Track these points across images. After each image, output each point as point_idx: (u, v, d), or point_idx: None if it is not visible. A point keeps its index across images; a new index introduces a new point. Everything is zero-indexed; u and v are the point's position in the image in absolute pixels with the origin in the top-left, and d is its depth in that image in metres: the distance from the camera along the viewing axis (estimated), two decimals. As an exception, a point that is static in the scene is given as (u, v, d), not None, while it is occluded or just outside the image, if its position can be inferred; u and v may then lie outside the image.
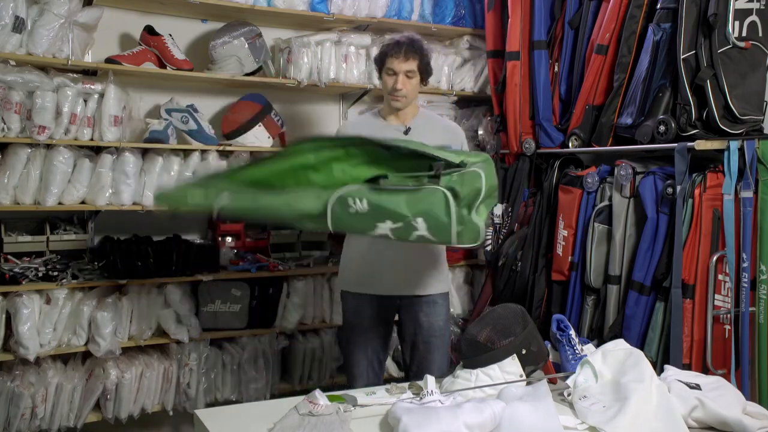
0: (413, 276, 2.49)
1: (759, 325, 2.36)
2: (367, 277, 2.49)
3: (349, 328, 2.56)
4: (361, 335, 2.52)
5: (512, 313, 1.82)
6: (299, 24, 3.51)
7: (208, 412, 1.66)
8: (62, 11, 2.78)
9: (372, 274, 2.48)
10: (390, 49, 2.43)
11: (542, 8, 3.15)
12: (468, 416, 1.41)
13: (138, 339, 3.10)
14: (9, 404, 2.83)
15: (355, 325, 2.54)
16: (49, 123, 2.83)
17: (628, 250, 2.71)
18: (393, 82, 2.43)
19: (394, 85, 2.43)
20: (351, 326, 2.56)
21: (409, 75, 2.43)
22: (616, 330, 2.70)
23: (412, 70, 2.43)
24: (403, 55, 2.41)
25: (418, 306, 2.51)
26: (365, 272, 2.49)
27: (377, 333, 2.54)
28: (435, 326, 2.51)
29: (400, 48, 2.41)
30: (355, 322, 2.54)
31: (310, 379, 3.49)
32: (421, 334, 2.51)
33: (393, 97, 2.46)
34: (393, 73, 2.43)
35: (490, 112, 3.61)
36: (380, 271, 2.47)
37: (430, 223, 1.82)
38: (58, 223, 3.13)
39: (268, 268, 3.39)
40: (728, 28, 2.43)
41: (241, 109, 3.30)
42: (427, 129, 2.49)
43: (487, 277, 3.48)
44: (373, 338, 2.53)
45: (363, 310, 2.51)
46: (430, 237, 1.85)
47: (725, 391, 1.64)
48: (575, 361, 1.84)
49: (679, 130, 2.53)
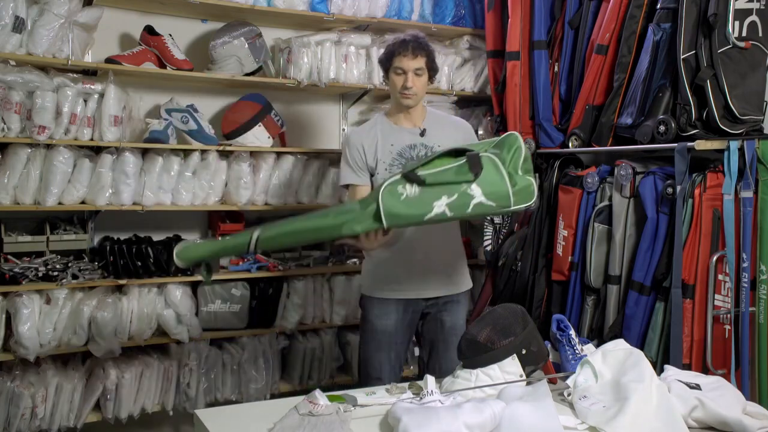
0: (439, 277, 2.46)
1: (759, 325, 2.36)
2: (393, 281, 2.43)
3: (373, 332, 2.48)
4: (385, 340, 2.46)
5: (512, 313, 1.81)
6: (299, 24, 3.51)
7: (208, 412, 1.66)
8: (62, 11, 2.78)
9: (399, 279, 2.43)
10: (397, 48, 2.37)
11: (542, 8, 3.15)
12: (468, 416, 1.41)
13: (138, 339, 3.10)
14: (9, 404, 2.83)
15: (380, 329, 2.46)
16: (49, 123, 2.83)
17: (628, 250, 2.71)
18: (403, 80, 2.37)
19: (405, 83, 2.37)
20: (375, 331, 2.47)
21: (417, 73, 2.37)
22: (616, 330, 2.70)
23: (421, 68, 2.38)
24: (411, 53, 2.35)
25: (442, 306, 2.48)
26: (392, 277, 2.43)
27: (401, 338, 2.48)
28: (457, 325, 2.48)
29: (407, 46, 2.36)
30: (380, 326, 2.46)
31: (310, 379, 3.49)
32: (442, 333, 2.48)
33: (403, 96, 2.39)
34: (402, 72, 2.37)
35: (490, 112, 3.61)
36: (407, 275, 2.42)
37: (485, 188, 1.83)
38: (58, 223, 3.13)
39: (268, 268, 3.39)
40: (728, 28, 2.43)
41: (241, 109, 3.31)
42: (440, 128, 2.46)
43: (487, 277, 3.48)
44: (397, 343, 2.47)
45: (389, 314, 2.45)
46: (488, 203, 1.84)
47: (725, 391, 1.64)
48: (575, 361, 1.83)
49: (679, 130, 2.53)
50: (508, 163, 1.87)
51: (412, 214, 1.85)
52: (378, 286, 2.47)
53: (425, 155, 2.34)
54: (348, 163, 2.42)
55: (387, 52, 2.42)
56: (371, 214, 1.84)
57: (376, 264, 2.47)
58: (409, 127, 2.44)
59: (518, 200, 1.86)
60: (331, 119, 3.81)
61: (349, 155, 2.42)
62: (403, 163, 2.36)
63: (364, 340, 2.51)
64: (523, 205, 1.88)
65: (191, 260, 2.00)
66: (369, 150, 2.39)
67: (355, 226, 1.87)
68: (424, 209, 1.84)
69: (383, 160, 2.38)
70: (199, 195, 3.19)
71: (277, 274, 3.39)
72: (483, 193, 1.83)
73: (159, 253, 3.11)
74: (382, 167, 2.38)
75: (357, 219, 1.86)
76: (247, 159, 3.27)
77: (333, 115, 3.82)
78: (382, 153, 2.39)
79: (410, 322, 2.49)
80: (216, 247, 2.08)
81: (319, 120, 3.77)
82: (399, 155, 2.38)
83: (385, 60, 2.42)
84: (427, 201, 1.83)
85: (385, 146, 2.40)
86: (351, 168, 2.41)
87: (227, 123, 3.29)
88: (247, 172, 3.26)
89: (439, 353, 2.49)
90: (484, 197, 1.83)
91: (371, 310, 2.48)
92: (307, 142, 3.69)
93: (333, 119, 3.82)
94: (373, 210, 1.84)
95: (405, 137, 2.41)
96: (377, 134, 2.42)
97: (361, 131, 2.47)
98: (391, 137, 2.41)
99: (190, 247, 2.00)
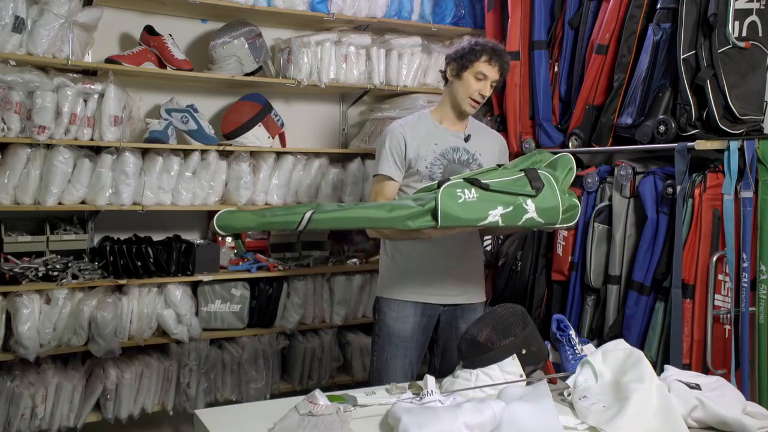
0: (460, 284, 2.43)
1: (759, 325, 2.36)
2: (414, 284, 2.40)
3: (389, 336, 2.42)
4: (401, 345, 2.41)
5: (512, 313, 1.82)
6: (299, 24, 3.51)
7: (208, 412, 1.66)
8: (62, 11, 2.78)
9: (420, 282, 2.39)
10: (486, 53, 2.31)
11: (542, 8, 3.15)
12: (468, 416, 1.41)
13: (138, 339, 3.10)
14: (9, 404, 2.83)
15: (397, 333, 2.41)
16: (49, 123, 2.83)
17: (628, 250, 2.71)
18: (481, 87, 2.32)
19: (482, 90, 2.32)
20: (392, 335, 2.42)
21: (492, 84, 2.34)
22: (616, 330, 2.70)
23: (497, 80, 2.35)
24: (497, 64, 2.31)
25: (459, 313, 2.45)
26: (414, 280, 2.40)
27: (417, 342, 2.44)
28: None
29: (496, 55, 2.31)
30: (396, 330, 2.41)
31: (310, 379, 3.49)
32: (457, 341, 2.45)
33: (473, 101, 2.35)
34: (483, 78, 2.32)
35: (490, 112, 3.60)
36: (429, 279, 2.39)
37: (539, 204, 1.88)
38: (58, 223, 3.13)
39: (268, 268, 3.39)
40: (728, 28, 2.43)
41: (241, 109, 3.31)
42: (482, 137, 2.47)
43: (487, 277, 3.48)
44: (412, 348, 2.43)
45: (406, 317, 2.41)
46: (538, 219, 1.90)
47: (725, 391, 1.64)
48: (575, 361, 1.84)
49: (679, 130, 2.53)
50: (561, 183, 1.95)
51: (467, 218, 1.87)
52: (397, 287, 2.42)
53: (467, 160, 2.38)
54: (389, 153, 2.36)
55: (472, 52, 2.32)
56: (428, 212, 1.85)
57: (398, 266, 2.42)
58: (454, 130, 2.42)
59: (564, 219, 1.94)
60: (331, 119, 3.81)
61: (390, 146, 2.36)
62: (444, 164, 2.35)
63: (380, 346, 2.45)
64: (566, 224, 1.96)
65: (233, 230, 1.92)
66: (411, 144, 2.35)
67: (409, 222, 1.87)
68: (480, 215, 1.86)
69: (425, 157, 2.35)
70: (199, 195, 3.19)
71: (277, 274, 3.39)
72: (536, 209, 1.89)
73: (159, 253, 3.11)
74: (423, 164, 2.35)
75: (413, 215, 1.86)
76: (247, 159, 3.28)
77: (333, 115, 3.82)
78: (425, 150, 2.35)
79: (426, 327, 2.45)
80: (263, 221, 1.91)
81: (319, 120, 3.77)
82: (442, 155, 2.36)
83: (467, 60, 2.33)
84: (483, 208, 1.86)
85: (429, 144, 2.36)
86: (393, 159, 2.35)
87: (227, 123, 3.29)
88: (247, 172, 3.26)
89: (454, 359, 2.42)
90: (536, 213, 1.89)
91: (388, 312, 2.43)
92: (307, 142, 3.70)
93: (333, 119, 3.82)
94: (431, 208, 1.85)
95: (449, 139, 2.39)
96: (422, 130, 2.38)
97: (406, 124, 2.40)
98: (435, 136, 2.38)
99: (233, 216, 1.88)
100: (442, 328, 2.48)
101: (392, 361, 2.41)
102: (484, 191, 1.87)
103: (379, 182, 2.39)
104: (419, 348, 2.45)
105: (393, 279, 2.43)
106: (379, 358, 2.44)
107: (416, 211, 1.86)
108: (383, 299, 2.45)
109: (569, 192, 1.99)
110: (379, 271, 2.52)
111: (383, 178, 2.37)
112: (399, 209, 1.88)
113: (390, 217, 1.88)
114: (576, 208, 1.97)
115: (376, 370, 2.44)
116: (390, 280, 2.44)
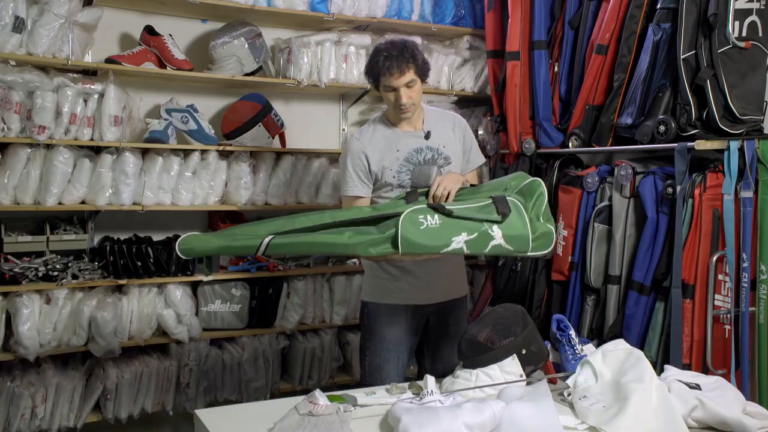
0: (444, 282, 2.40)
1: (759, 325, 2.36)
2: (404, 287, 2.34)
3: (382, 341, 2.36)
4: (394, 347, 2.37)
5: (512, 313, 1.82)
6: (299, 24, 3.51)
7: (208, 412, 1.66)
8: (62, 11, 2.78)
9: (410, 284, 2.34)
10: (382, 68, 2.19)
11: (542, 8, 3.15)
12: (468, 416, 1.41)
13: (138, 339, 3.10)
14: (9, 404, 2.83)
15: (389, 338, 2.36)
16: (49, 123, 2.83)
17: (628, 250, 2.71)
18: (395, 97, 2.22)
19: (398, 101, 2.22)
20: (384, 340, 2.36)
21: (409, 85, 2.21)
22: (616, 330, 2.70)
23: (412, 79, 2.21)
24: (397, 70, 2.18)
25: (448, 311, 2.43)
26: (403, 283, 2.34)
27: (407, 344, 2.40)
28: (461, 329, 2.41)
29: (391, 63, 2.18)
30: (389, 335, 2.36)
31: (310, 379, 3.49)
32: (447, 338, 2.43)
33: (401, 112, 2.25)
34: (393, 89, 2.22)
35: (490, 112, 3.61)
36: (418, 281, 2.34)
37: (506, 231, 1.85)
38: (58, 223, 3.13)
39: (268, 268, 3.39)
40: (728, 28, 2.43)
41: (241, 109, 3.31)
42: (441, 128, 2.36)
43: (487, 277, 3.48)
44: (404, 351, 2.39)
45: (399, 321, 2.36)
46: (506, 246, 1.87)
47: (725, 391, 1.64)
48: (575, 361, 1.84)
49: (679, 130, 2.53)
50: (531, 210, 1.91)
51: (429, 245, 1.85)
52: (386, 291, 2.36)
53: (432, 158, 2.30)
54: (352, 173, 2.28)
55: (372, 71, 2.25)
56: (389, 239, 1.84)
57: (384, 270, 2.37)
58: (411, 131, 2.32)
59: (536, 246, 1.90)
60: (331, 119, 3.81)
61: (352, 164, 2.28)
62: (411, 168, 2.28)
63: (371, 351, 2.38)
64: (540, 252, 1.92)
65: (195, 254, 1.94)
66: (373, 157, 2.27)
67: (370, 249, 1.86)
68: (442, 241, 1.85)
69: (390, 167, 2.27)
70: (199, 195, 3.19)
71: (277, 274, 3.39)
72: (503, 236, 1.86)
73: (159, 253, 3.11)
74: (390, 174, 2.27)
75: (373, 242, 1.85)
76: (247, 159, 3.28)
77: (333, 115, 3.82)
78: (388, 160, 2.27)
79: (416, 328, 2.42)
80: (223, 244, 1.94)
81: (319, 120, 3.77)
82: (406, 161, 2.28)
83: (372, 80, 2.27)
84: (446, 234, 1.84)
85: (390, 153, 2.27)
86: (358, 178, 2.28)
87: (227, 123, 3.29)
88: (247, 172, 3.26)
89: (444, 358, 2.43)
90: (503, 240, 1.86)
91: (378, 317, 2.37)
92: (307, 142, 3.69)
93: (333, 119, 3.82)
94: (391, 235, 1.83)
95: (410, 141, 2.29)
96: (381, 140, 2.29)
97: (362, 138, 2.31)
98: (396, 142, 2.28)
99: (194, 240, 1.91)
100: (432, 328, 2.45)
101: (385, 365, 2.37)
102: (447, 217, 1.86)
103: (348, 203, 2.32)
104: (410, 350, 2.43)
105: (381, 283, 2.37)
106: (371, 363, 2.39)
107: (377, 237, 1.85)
108: (371, 304, 2.39)
109: (546, 217, 1.93)
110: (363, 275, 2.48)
111: (351, 198, 2.30)
112: (360, 235, 1.87)
113: (350, 244, 1.86)
114: (550, 234, 1.91)
115: (369, 375, 2.40)
116: (378, 284, 2.39)
